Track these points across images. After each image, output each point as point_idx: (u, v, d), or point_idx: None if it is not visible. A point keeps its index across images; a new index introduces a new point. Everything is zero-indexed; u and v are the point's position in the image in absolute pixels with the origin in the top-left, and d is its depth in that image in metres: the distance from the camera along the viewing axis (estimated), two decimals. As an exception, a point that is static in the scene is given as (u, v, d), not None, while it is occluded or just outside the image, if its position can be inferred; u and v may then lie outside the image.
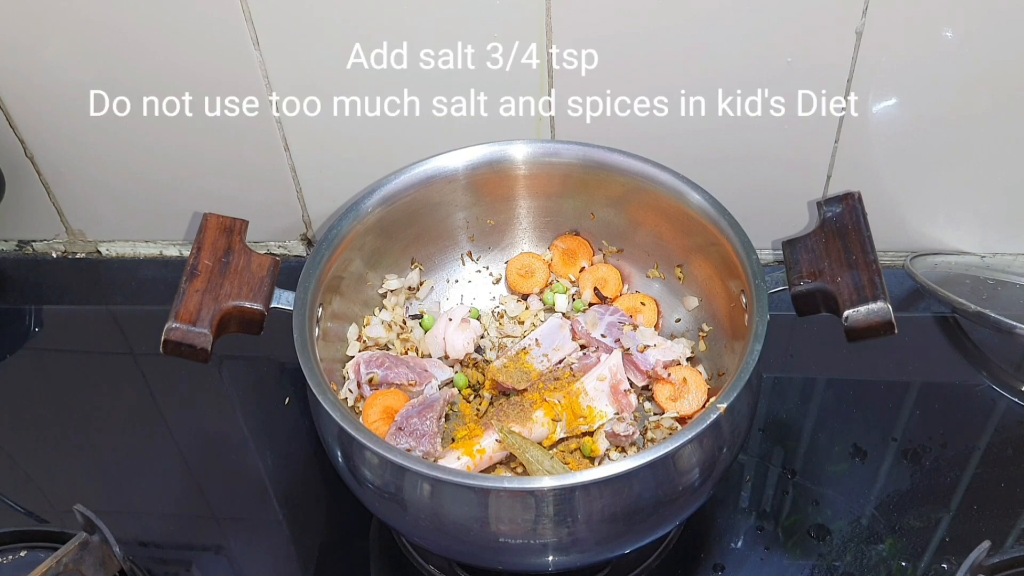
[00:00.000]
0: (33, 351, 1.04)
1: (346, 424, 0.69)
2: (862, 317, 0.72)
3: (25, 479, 0.92)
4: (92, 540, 0.78)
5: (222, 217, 0.82)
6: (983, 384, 0.94)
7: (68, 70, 0.92)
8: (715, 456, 0.72)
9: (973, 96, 0.88)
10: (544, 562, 0.72)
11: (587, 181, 0.88)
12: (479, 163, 0.87)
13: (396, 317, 0.90)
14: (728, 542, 0.84)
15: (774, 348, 0.94)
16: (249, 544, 0.86)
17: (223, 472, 0.92)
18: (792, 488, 0.87)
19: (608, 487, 0.68)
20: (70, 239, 1.11)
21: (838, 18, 0.83)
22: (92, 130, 0.97)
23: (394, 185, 0.85)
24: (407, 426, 0.78)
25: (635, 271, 0.92)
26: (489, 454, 0.78)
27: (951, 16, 0.82)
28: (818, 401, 0.94)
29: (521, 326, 0.91)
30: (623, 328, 0.86)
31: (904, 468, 0.88)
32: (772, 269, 0.97)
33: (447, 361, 0.87)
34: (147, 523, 0.88)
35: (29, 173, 1.03)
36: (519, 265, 0.94)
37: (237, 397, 0.98)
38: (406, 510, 0.71)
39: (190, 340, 0.75)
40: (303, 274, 0.79)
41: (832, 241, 0.76)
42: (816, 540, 0.83)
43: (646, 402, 0.85)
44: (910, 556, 0.82)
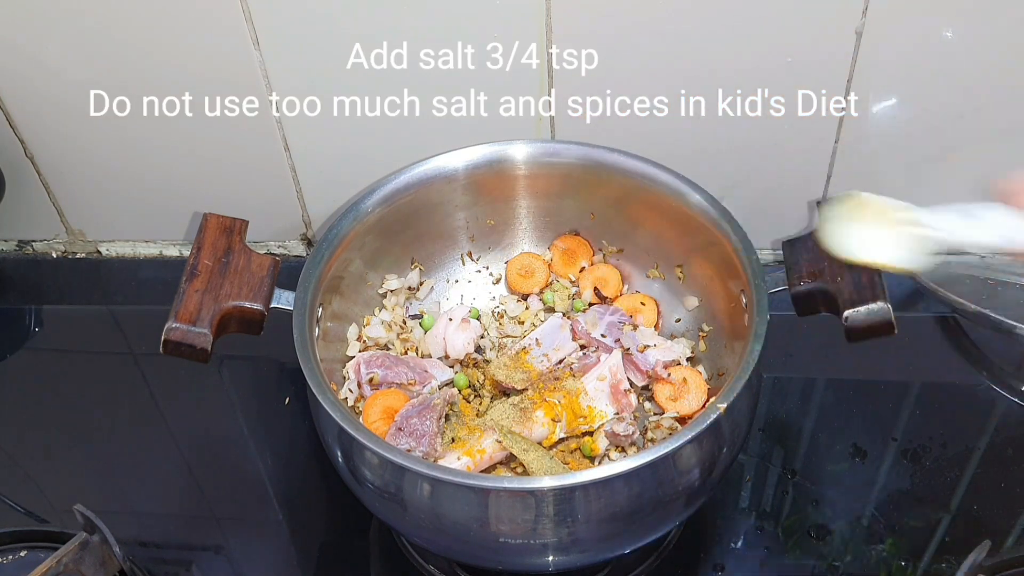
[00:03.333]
0: (33, 351, 1.04)
1: (346, 424, 0.69)
2: (862, 317, 0.72)
3: (25, 479, 0.92)
4: (92, 540, 0.78)
5: (222, 217, 0.82)
6: (983, 384, 0.94)
7: (68, 70, 0.92)
8: (715, 456, 0.72)
9: (973, 96, 0.88)
10: (544, 562, 0.72)
11: (587, 181, 0.88)
12: (479, 163, 0.87)
13: (396, 317, 0.90)
14: (728, 542, 0.84)
15: (774, 348, 0.94)
16: (249, 544, 0.86)
17: (223, 472, 0.92)
18: (792, 488, 0.87)
19: (608, 487, 0.68)
20: (70, 239, 1.11)
21: (838, 18, 0.83)
22: (92, 130, 0.97)
23: (394, 185, 0.85)
24: (407, 426, 0.78)
25: (635, 271, 0.92)
26: (489, 454, 0.78)
27: (951, 16, 0.82)
28: (818, 401, 0.94)
29: (521, 326, 0.91)
30: (623, 328, 0.86)
31: (904, 468, 0.88)
32: (772, 269, 0.97)
33: (447, 361, 0.87)
34: (147, 523, 0.88)
35: (29, 173, 1.03)
36: (519, 265, 0.94)
37: (237, 397, 0.98)
38: (406, 510, 0.71)
39: (190, 340, 0.75)
40: (303, 274, 0.79)
41: (832, 241, 0.76)
42: (816, 540, 0.83)
43: (646, 402, 0.85)
44: (910, 556, 0.82)
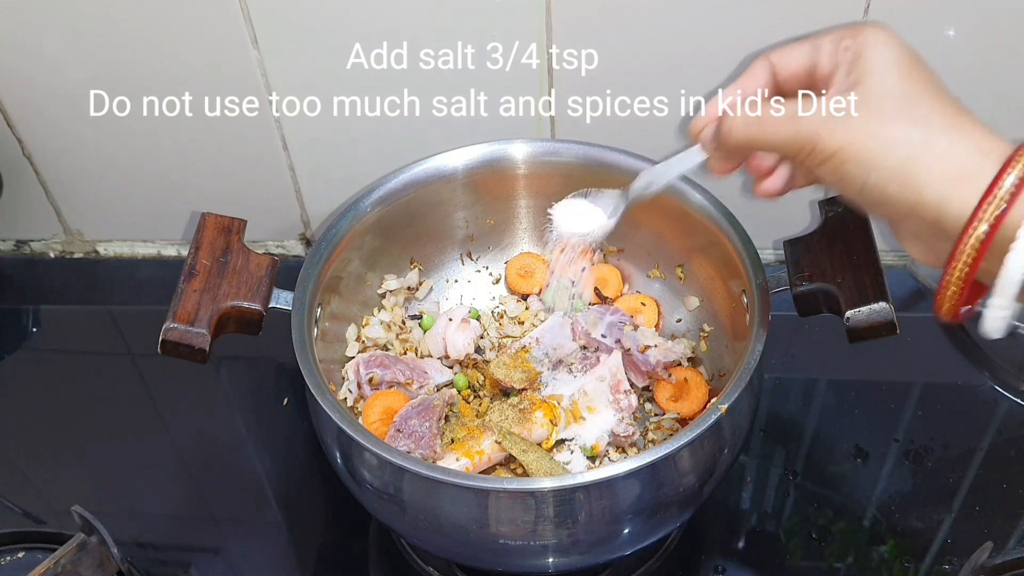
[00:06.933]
0: (30, 351, 1.04)
1: (345, 425, 0.69)
2: (864, 317, 0.72)
3: (23, 480, 0.92)
4: (90, 541, 0.78)
5: (220, 217, 0.81)
6: (985, 385, 0.94)
7: (68, 70, 0.92)
8: (716, 457, 0.72)
9: (975, 96, 0.87)
10: (544, 564, 0.72)
11: (587, 181, 0.87)
12: (479, 163, 0.86)
13: (395, 317, 0.90)
14: (729, 543, 0.84)
15: (775, 348, 0.94)
16: (247, 545, 0.86)
17: (221, 473, 0.92)
18: (793, 489, 0.87)
19: (608, 488, 0.67)
20: (68, 239, 1.11)
21: (839, 17, 0.82)
22: (91, 130, 0.97)
23: (393, 184, 0.85)
24: (406, 428, 0.78)
25: (636, 271, 0.92)
26: (488, 455, 0.77)
27: (953, 15, 0.81)
28: (819, 402, 0.94)
29: (521, 326, 0.91)
30: (623, 328, 0.85)
31: (906, 469, 0.88)
32: (773, 269, 0.97)
33: (447, 361, 0.87)
34: (145, 524, 0.88)
35: (27, 173, 1.03)
36: (519, 265, 0.93)
37: (235, 398, 0.98)
38: (405, 511, 0.71)
39: (188, 340, 0.75)
40: (302, 274, 0.79)
41: (834, 241, 0.76)
42: (818, 541, 0.83)
43: (647, 403, 0.84)
44: (912, 557, 0.82)
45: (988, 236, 0.49)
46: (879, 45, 0.55)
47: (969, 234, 0.50)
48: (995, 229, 0.49)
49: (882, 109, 0.53)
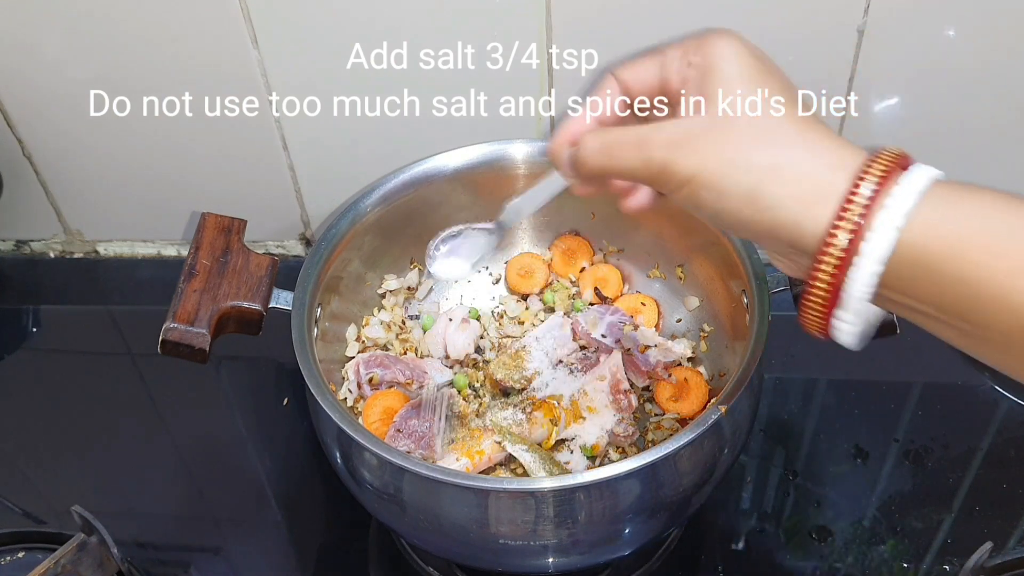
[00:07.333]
0: (30, 351, 1.03)
1: (345, 425, 0.69)
2: (864, 317, 0.72)
3: (23, 480, 0.92)
4: (90, 541, 0.78)
5: (220, 217, 0.81)
6: (985, 385, 0.94)
7: (68, 70, 0.92)
8: (716, 457, 0.72)
9: (976, 96, 0.87)
10: (544, 564, 0.72)
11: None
12: (478, 163, 0.86)
13: (395, 317, 0.90)
14: (729, 544, 0.84)
15: (775, 348, 0.94)
16: (247, 545, 0.86)
17: (221, 473, 0.92)
18: (793, 489, 0.87)
19: (608, 488, 0.67)
20: (68, 239, 1.11)
21: (839, 16, 0.82)
22: (91, 130, 0.97)
23: (393, 184, 0.85)
24: (406, 428, 0.78)
25: (636, 271, 0.92)
26: (488, 455, 0.77)
27: (954, 15, 0.81)
28: (819, 402, 0.94)
29: (521, 326, 0.91)
30: (623, 328, 0.85)
31: (906, 469, 0.87)
32: (773, 269, 0.96)
33: (447, 361, 0.87)
34: (145, 524, 0.88)
35: (27, 173, 1.02)
36: (519, 265, 0.93)
37: (235, 398, 0.98)
38: (405, 511, 0.71)
39: (188, 340, 0.75)
40: (302, 274, 0.79)
41: (834, 241, 0.76)
42: (817, 541, 0.83)
43: (647, 403, 0.84)
44: (912, 557, 0.82)
45: (847, 252, 0.48)
46: (726, 59, 0.53)
47: (825, 252, 0.48)
48: (854, 244, 0.48)
49: (729, 132, 0.50)
